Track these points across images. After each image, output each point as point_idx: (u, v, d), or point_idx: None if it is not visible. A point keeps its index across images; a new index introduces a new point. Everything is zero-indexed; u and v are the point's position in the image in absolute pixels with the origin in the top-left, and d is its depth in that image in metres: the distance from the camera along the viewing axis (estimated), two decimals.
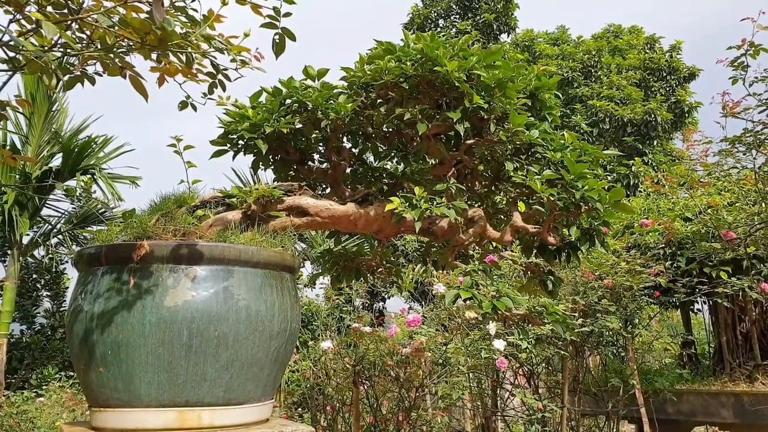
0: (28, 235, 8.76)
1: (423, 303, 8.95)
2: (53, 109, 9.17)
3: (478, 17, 15.28)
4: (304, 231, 2.56)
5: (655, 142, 13.45)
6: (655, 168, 12.37)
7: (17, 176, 8.58)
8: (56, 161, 8.91)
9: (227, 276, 2.10)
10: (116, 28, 1.65)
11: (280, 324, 2.20)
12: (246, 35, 1.82)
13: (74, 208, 9.56)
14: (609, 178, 12.33)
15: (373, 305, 11.51)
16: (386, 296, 11.55)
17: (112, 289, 2.02)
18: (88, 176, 8.81)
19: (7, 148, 8.35)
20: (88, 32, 1.91)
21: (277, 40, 1.93)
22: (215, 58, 1.77)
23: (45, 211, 9.23)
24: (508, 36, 15.96)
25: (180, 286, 2.02)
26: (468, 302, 2.54)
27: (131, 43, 1.67)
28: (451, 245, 2.84)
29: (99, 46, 1.63)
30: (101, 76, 2.02)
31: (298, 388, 5.77)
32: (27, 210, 8.52)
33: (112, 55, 1.63)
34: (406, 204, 2.45)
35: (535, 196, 2.54)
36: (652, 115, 13.01)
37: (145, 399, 1.98)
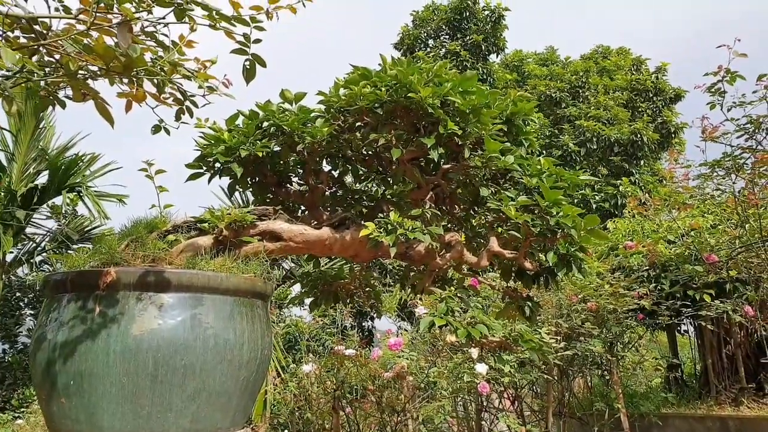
0: (11, 252, 8.64)
1: (411, 322, 8.88)
2: (40, 126, 9.12)
3: (468, 38, 15.45)
4: (277, 256, 2.53)
5: (642, 162, 13.58)
6: (642, 188, 12.47)
7: (2, 193, 8.49)
8: (42, 178, 8.84)
9: (195, 304, 2.06)
10: (82, 53, 1.63)
11: (250, 352, 2.16)
12: (213, 62, 1.82)
13: (59, 226, 9.46)
14: (597, 197, 12.44)
15: (363, 324, 11.42)
16: (375, 316, 11.47)
17: (77, 317, 1.97)
18: (75, 194, 8.74)
19: None
20: (57, 57, 1.90)
21: (248, 66, 1.92)
22: (181, 85, 1.76)
23: (29, 229, 9.12)
24: (497, 56, 16.15)
25: (146, 314, 1.98)
26: (444, 328, 2.52)
27: (98, 69, 1.65)
28: (428, 270, 2.82)
29: (63, 72, 1.62)
30: (71, 99, 2.01)
31: (286, 407, 5.69)
32: (11, 228, 8.41)
33: (77, 81, 1.62)
34: (381, 229, 2.44)
35: (510, 222, 2.53)
36: (639, 135, 13.15)
37: (108, 431, 1.93)
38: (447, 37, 16.14)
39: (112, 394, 1.92)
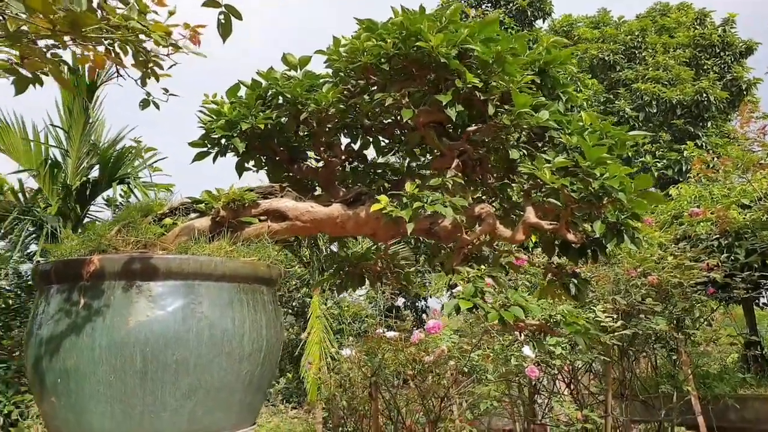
0: None
1: None
2: (90, 122, 9.33)
3: (512, 4, 14.69)
4: (283, 237, 2.31)
5: (708, 124, 12.54)
6: (711, 151, 11.53)
7: (59, 187, 8.76)
8: (95, 172, 9.06)
9: (188, 292, 1.86)
10: (26, 15, 1.43)
11: (252, 344, 1.95)
12: (171, 13, 1.58)
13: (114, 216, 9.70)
14: (658, 164, 11.59)
15: (417, 305, 11.22)
16: (428, 296, 11.23)
17: (62, 310, 1.82)
18: (125, 185, 8.92)
19: (49, 162, 8.57)
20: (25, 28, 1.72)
21: (222, 21, 1.68)
22: (142, 43, 1.53)
23: (86, 221, 9.39)
24: (543, 22, 15.30)
25: (134, 305, 1.81)
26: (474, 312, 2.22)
27: (45, 30, 1.45)
28: (457, 247, 2.52)
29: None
30: (47, 75, 1.83)
31: (327, 392, 5.58)
32: (70, 221, 8.67)
33: (20, 44, 1.42)
34: (396, 203, 2.16)
35: (546, 187, 2.19)
36: (705, 95, 12.12)
37: None
38: (489, 5, 15.41)
39: (100, 393, 1.76)
